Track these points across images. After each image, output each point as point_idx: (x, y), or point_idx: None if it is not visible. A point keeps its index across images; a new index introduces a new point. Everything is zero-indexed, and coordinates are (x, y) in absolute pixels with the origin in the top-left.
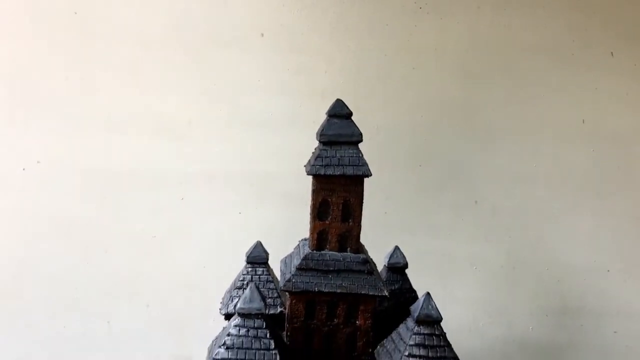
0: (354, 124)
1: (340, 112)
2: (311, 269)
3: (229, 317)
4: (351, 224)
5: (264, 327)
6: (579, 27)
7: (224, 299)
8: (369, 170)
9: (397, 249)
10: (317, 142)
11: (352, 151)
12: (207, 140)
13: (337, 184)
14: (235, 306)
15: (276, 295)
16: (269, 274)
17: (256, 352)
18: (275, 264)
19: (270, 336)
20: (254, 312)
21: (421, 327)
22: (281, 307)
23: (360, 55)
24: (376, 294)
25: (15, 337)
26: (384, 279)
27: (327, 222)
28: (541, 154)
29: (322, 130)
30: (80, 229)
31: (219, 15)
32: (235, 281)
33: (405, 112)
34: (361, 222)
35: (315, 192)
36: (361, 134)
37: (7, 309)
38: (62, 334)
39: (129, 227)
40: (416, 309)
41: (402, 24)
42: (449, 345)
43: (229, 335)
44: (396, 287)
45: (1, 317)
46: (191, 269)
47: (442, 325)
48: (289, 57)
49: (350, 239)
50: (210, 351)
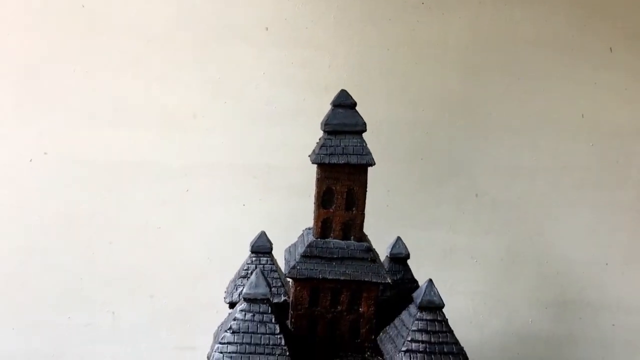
0: (358, 113)
1: (344, 102)
2: (315, 257)
3: (233, 305)
4: (355, 212)
5: (270, 312)
6: (578, 23)
7: (228, 287)
8: (373, 159)
9: (399, 239)
10: (322, 132)
11: (356, 140)
12: (212, 133)
13: (342, 172)
14: (239, 294)
15: (280, 284)
16: (273, 264)
17: (262, 337)
18: (279, 256)
19: (275, 321)
20: (259, 297)
21: (423, 313)
22: (285, 296)
23: (363, 49)
24: (379, 281)
25: (19, 329)
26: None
27: (331, 210)
28: (541, 148)
29: (327, 119)
30: (85, 221)
31: (224, 9)
32: (239, 270)
33: (407, 106)
34: (364, 210)
35: (319, 180)
36: (365, 124)
37: (12, 300)
38: (66, 325)
39: (133, 218)
40: (419, 295)
41: (405, 19)
42: (451, 331)
43: (234, 319)
44: (398, 277)
45: (6, 308)
46: (195, 261)
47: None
48: (293, 51)
49: (353, 227)
50: (215, 336)
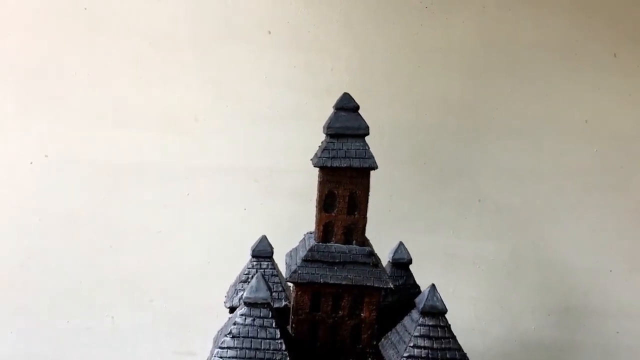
0: (361, 117)
1: (347, 105)
2: (317, 261)
3: (233, 310)
4: (357, 216)
5: (270, 316)
6: (582, 27)
7: (228, 292)
8: (376, 162)
9: (401, 244)
10: (324, 135)
11: (358, 144)
12: (213, 136)
13: (344, 176)
14: (240, 299)
15: (281, 289)
16: (274, 268)
17: (262, 341)
18: (280, 260)
19: (276, 325)
20: (260, 302)
21: (426, 318)
22: (286, 300)
23: (366, 53)
24: (381, 286)
25: (19, 331)
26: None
27: (333, 214)
28: (544, 153)
29: (329, 123)
30: (85, 224)
31: (227, 12)
32: (240, 275)
33: (410, 109)
34: (367, 214)
35: (321, 184)
36: (368, 127)
37: (12, 302)
38: (66, 328)
39: (134, 222)
40: (421, 300)
41: (408, 23)
42: (453, 337)
43: (235, 324)
44: (400, 282)
45: (6, 310)
46: (196, 265)
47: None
48: (295, 55)
49: (355, 232)
50: (215, 341)
